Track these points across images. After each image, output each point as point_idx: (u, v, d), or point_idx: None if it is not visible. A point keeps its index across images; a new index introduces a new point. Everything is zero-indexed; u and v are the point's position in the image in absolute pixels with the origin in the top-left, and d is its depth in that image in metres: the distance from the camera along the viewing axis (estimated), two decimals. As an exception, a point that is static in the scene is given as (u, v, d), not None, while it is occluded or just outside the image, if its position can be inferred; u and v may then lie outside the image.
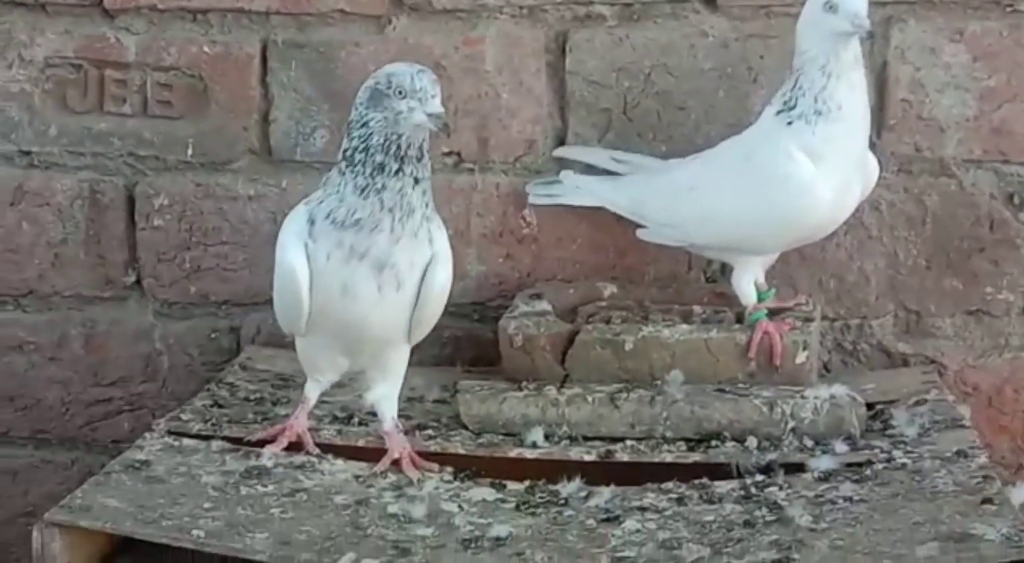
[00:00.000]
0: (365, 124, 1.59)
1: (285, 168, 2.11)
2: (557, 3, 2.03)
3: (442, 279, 1.65)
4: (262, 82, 2.09)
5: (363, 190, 1.59)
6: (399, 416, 1.74)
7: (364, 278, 1.60)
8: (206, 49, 2.09)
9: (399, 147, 1.58)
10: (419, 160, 1.60)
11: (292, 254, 1.62)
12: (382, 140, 1.58)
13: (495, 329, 1.92)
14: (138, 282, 2.16)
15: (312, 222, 1.61)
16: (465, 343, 2.12)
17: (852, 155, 1.80)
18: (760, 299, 1.88)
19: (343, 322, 1.63)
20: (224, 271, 2.13)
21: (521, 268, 2.10)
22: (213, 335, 2.16)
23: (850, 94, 1.77)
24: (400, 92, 1.57)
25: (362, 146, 1.59)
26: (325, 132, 2.08)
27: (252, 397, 1.90)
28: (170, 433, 1.74)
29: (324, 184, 1.65)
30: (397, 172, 1.58)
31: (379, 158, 1.58)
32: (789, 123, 1.80)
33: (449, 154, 2.08)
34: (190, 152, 2.12)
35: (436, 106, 1.58)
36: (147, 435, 1.73)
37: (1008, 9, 1.96)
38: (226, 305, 2.15)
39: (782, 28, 1.99)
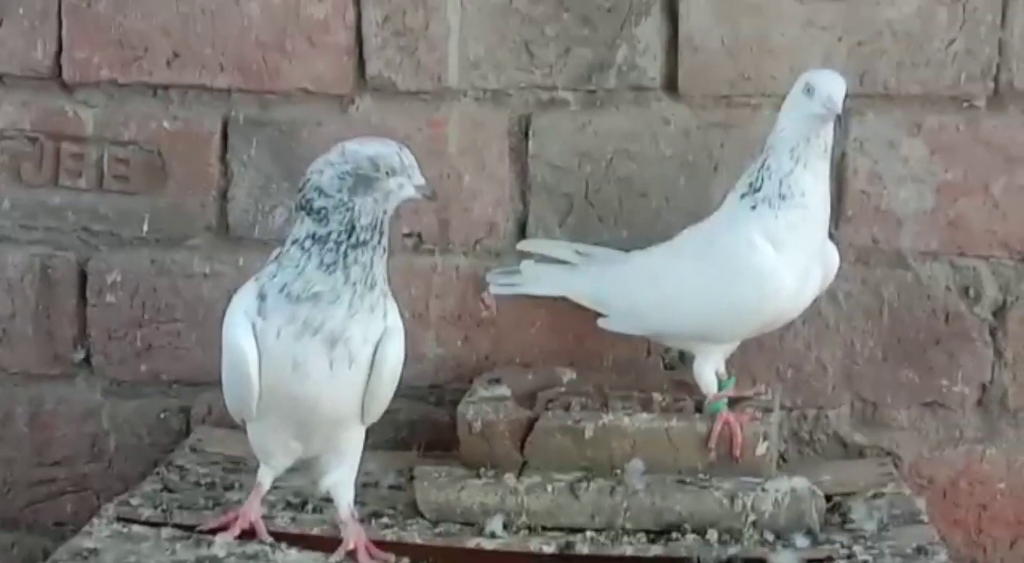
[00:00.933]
0: (349, 209, 1.56)
1: (243, 246, 2.08)
2: (521, 87, 2.04)
3: (395, 353, 1.61)
4: (222, 159, 2.08)
5: (330, 266, 1.56)
6: (354, 503, 1.70)
7: (315, 354, 1.56)
8: (166, 125, 2.07)
9: (382, 222, 1.58)
10: (386, 231, 1.60)
11: (239, 333, 1.58)
12: (371, 221, 1.57)
13: (452, 413, 1.90)
14: (87, 360, 2.12)
15: (263, 297, 1.58)
16: (421, 426, 2.09)
17: (813, 243, 1.81)
18: (720, 387, 1.88)
19: (294, 401, 1.59)
20: (176, 350, 2.10)
21: (479, 351, 2.08)
22: (162, 415, 2.12)
23: (814, 183, 1.78)
24: (389, 172, 1.57)
25: (344, 230, 1.56)
26: (285, 210, 2.06)
27: (203, 481, 1.85)
28: (119, 519, 1.69)
29: (277, 259, 1.61)
30: (375, 246, 1.57)
31: (363, 236, 1.57)
32: (753, 207, 1.80)
33: (409, 235, 2.07)
34: (146, 228, 2.09)
35: (421, 177, 1.59)
36: (95, 521, 1.69)
37: (965, 105, 1.99)
38: (177, 384, 2.11)
39: (743, 118, 2.01)
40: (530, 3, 2.01)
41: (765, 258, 1.78)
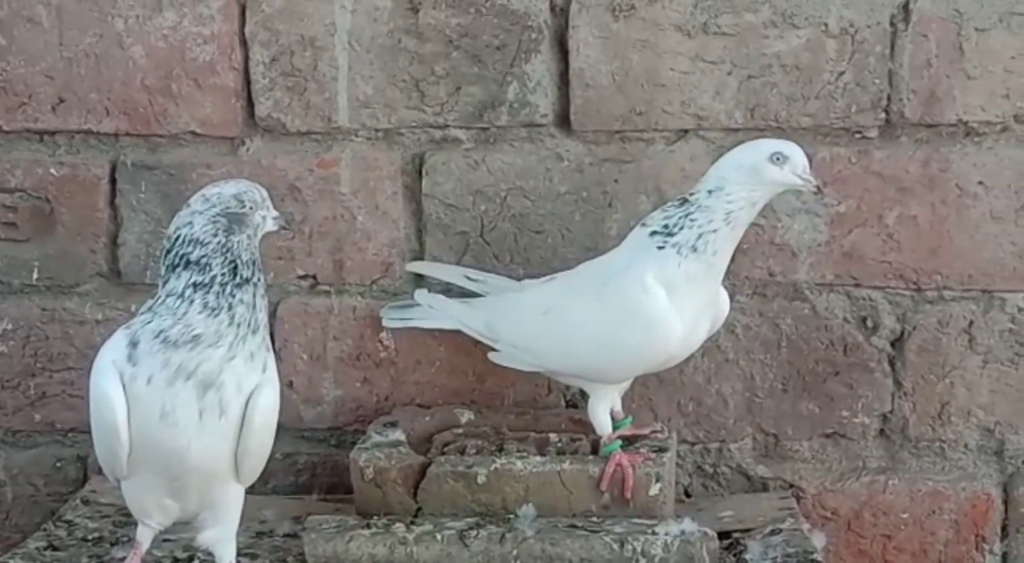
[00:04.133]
0: (228, 250, 1.57)
1: (135, 291, 2.05)
2: (413, 126, 2.02)
3: (267, 404, 1.58)
4: (111, 204, 2.05)
5: (215, 309, 1.55)
6: (243, 554, 1.68)
7: (185, 402, 1.54)
8: (52, 171, 2.04)
9: (256, 258, 1.61)
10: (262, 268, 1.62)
11: (106, 383, 1.55)
12: (249, 256, 1.59)
13: (352, 456, 1.88)
14: (-20, 410, 2.09)
15: (134, 344, 1.56)
16: (322, 470, 2.07)
17: (708, 291, 1.79)
18: (616, 428, 1.86)
19: (164, 454, 1.56)
20: (70, 398, 2.07)
21: (379, 392, 2.06)
22: (59, 464, 2.08)
23: (731, 243, 1.76)
24: (253, 206, 1.61)
25: (228, 271, 1.57)
26: (177, 255, 2.03)
27: (90, 537, 1.82)
28: (-4, 582, 1.66)
29: (151, 309, 1.58)
30: (256, 282, 1.59)
31: (245, 273, 1.58)
32: (660, 247, 1.77)
33: (304, 277, 2.05)
34: (36, 276, 2.06)
35: (274, 209, 1.65)
36: (-28, 585, 1.66)
37: (857, 136, 1.98)
38: (72, 433, 2.08)
39: (636, 152, 2.00)
40: (419, 42, 1.99)
41: (657, 302, 1.76)
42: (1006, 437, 2.01)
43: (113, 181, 2.04)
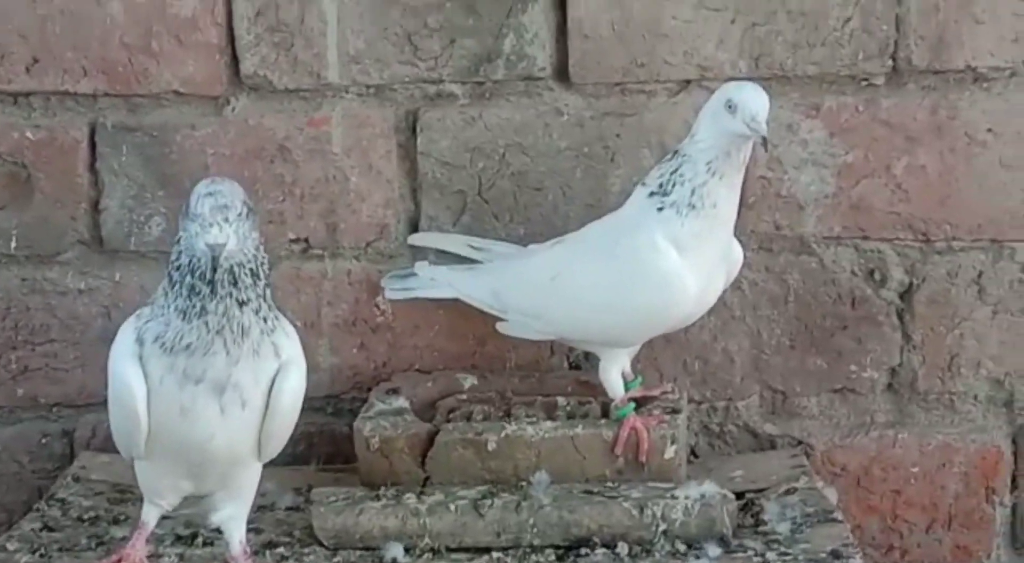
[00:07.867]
0: (179, 239, 1.45)
1: (119, 259, 1.97)
2: (406, 82, 1.94)
3: (291, 390, 1.51)
4: (91, 168, 1.96)
5: (185, 313, 1.44)
6: (248, 530, 1.62)
7: (204, 403, 1.47)
8: (28, 134, 1.95)
9: (203, 271, 1.43)
10: (235, 284, 1.44)
11: (123, 367, 1.47)
12: (188, 260, 1.44)
13: (351, 423, 1.81)
14: (-39, 386, 2.00)
15: (141, 342, 1.48)
16: (319, 439, 2.01)
17: (718, 246, 1.74)
18: (627, 388, 1.82)
19: (185, 443, 1.50)
20: (54, 371, 1.99)
21: (376, 359, 2.00)
22: (44, 440, 2.01)
23: (728, 193, 1.71)
24: (192, 215, 1.41)
25: (177, 263, 1.45)
26: (161, 220, 1.96)
27: (86, 516, 1.75)
28: (-6, 567, 1.59)
29: (152, 301, 1.51)
30: (212, 294, 1.43)
31: (189, 279, 1.44)
32: (660, 209, 1.73)
33: (296, 241, 1.98)
34: (14, 245, 1.97)
35: (213, 236, 1.39)
36: (-31, 572, 1.59)
37: (863, 83, 1.94)
38: (57, 407, 2.00)
39: (638, 105, 1.94)
40: (411, -8, 1.92)
41: (669, 261, 1.71)
42: (1015, 388, 1.99)
43: (93, 144, 1.95)
